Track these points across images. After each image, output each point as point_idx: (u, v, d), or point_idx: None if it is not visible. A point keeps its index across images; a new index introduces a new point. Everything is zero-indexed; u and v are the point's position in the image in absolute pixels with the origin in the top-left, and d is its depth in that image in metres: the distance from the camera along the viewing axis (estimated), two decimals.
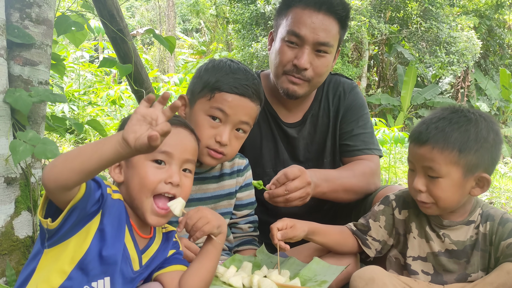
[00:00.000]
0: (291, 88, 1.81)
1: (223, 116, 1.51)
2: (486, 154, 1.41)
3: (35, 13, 1.74)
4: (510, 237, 1.45)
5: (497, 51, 15.92)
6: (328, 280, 1.39)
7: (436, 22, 12.39)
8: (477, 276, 1.50)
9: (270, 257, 1.64)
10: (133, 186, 1.21)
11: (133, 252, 1.22)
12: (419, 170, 1.46)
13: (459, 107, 1.49)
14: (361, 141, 1.97)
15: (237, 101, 1.52)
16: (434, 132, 1.41)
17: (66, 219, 1.07)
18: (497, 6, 14.48)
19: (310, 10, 1.74)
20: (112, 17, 2.56)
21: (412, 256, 1.56)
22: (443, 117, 1.44)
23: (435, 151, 1.40)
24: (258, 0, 12.50)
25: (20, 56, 1.71)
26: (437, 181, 1.42)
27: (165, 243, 1.35)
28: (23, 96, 1.59)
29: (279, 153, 1.98)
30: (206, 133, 1.51)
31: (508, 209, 4.13)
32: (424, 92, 14.53)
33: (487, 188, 1.46)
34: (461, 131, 1.40)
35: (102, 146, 0.96)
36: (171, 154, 1.24)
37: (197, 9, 19.17)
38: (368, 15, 11.87)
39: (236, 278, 1.35)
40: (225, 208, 1.71)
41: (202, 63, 1.71)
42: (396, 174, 5.89)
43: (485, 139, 1.40)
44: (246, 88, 1.53)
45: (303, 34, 1.73)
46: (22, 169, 1.70)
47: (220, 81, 1.52)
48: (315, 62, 1.77)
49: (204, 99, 1.53)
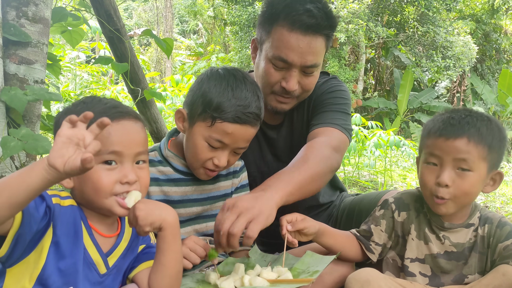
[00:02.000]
0: (279, 107, 1.79)
1: (221, 145, 1.49)
2: (503, 153, 1.48)
3: (31, 12, 1.73)
4: (507, 240, 1.46)
5: (493, 56, 16.01)
6: (319, 269, 1.38)
7: (433, 27, 12.46)
8: (473, 278, 1.50)
9: (263, 256, 1.64)
10: (88, 191, 1.14)
11: (97, 256, 1.18)
12: (448, 163, 1.44)
13: (472, 108, 1.54)
14: (324, 118, 1.82)
15: (238, 131, 1.47)
16: (467, 126, 1.43)
17: (14, 246, 1.03)
18: (493, 11, 14.57)
19: (297, 33, 1.65)
20: (109, 17, 2.56)
21: (410, 258, 1.56)
22: (467, 114, 1.47)
23: (472, 144, 1.42)
24: (256, 2, 12.52)
25: (16, 55, 1.70)
26: (467, 175, 1.43)
27: (136, 238, 1.30)
28: (18, 95, 1.59)
29: (263, 154, 1.96)
30: (204, 156, 1.49)
31: (503, 213, 4.14)
32: (421, 96, 14.59)
33: (498, 185, 1.50)
34: (488, 128, 1.44)
35: (27, 176, 0.90)
36: (121, 153, 1.14)
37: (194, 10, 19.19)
38: (366, 19, 11.92)
39: (227, 281, 1.34)
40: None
41: (202, 72, 1.62)
42: (392, 178, 5.90)
43: (504, 138, 1.48)
44: (248, 116, 1.47)
45: (291, 60, 1.67)
46: (17, 168, 1.69)
47: (221, 109, 1.44)
48: (303, 81, 1.74)
49: (203, 124, 1.48)
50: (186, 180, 1.61)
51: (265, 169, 1.96)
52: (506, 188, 5.82)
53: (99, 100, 1.20)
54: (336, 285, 1.60)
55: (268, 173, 1.93)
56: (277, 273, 1.40)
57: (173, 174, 1.59)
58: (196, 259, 1.44)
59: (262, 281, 1.32)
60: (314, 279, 1.32)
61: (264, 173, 1.96)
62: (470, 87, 15.38)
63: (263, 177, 1.94)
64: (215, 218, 1.65)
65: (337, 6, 11.75)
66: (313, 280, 1.31)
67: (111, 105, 1.19)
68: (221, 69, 1.55)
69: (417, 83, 15.76)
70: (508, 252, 1.44)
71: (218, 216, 1.37)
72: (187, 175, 1.61)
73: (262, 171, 1.96)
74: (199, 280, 1.44)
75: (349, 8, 11.91)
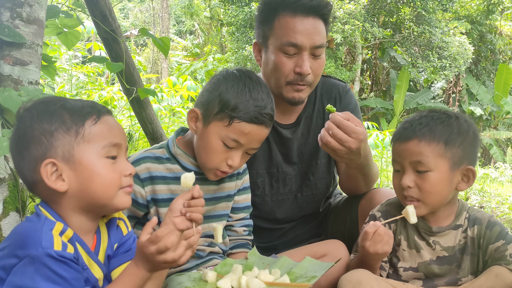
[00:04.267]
0: (297, 96, 1.81)
1: (236, 145, 1.50)
2: (469, 147, 1.46)
3: (26, 13, 1.73)
4: (497, 241, 1.47)
5: (489, 56, 16.09)
6: (317, 275, 1.38)
7: (429, 27, 12.50)
8: (467, 280, 1.50)
9: (261, 258, 1.64)
10: (95, 189, 1.10)
11: (100, 274, 1.15)
12: (406, 167, 1.47)
13: (437, 108, 1.52)
14: None
15: (254, 131, 1.50)
16: (419, 127, 1.45)
17: None
18: (488, 12, 14.64)
19: (300, 16, 1.73)
20: (104, 18, 2.55)
21: (403, 267, 1.56)
22: (424, 115, 1.49)
23: (423, 144, 1.43)
24: (253, 3, 12.52)
25: (10, 56, 1.70)
26: (426, 175, 1.44)
27: (111, 231, 1.25)
28: (13, 96, 1.58)
29: (272, 154, 1.97)
30: (219, 157, 1.51)
31: (498, 213, 4.16)
32: (417, 97, 14.65)
33: (472, 182, 1.48)
34: (444, 125, 1.45)
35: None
36: (120, 145, 1.15)
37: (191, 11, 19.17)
38: (362, 19, 11.94)
39: (224, 280, 1.34)
40: (222, 210, 1.70)
41: (217, 72, 1.64)
42: (388, 178, 5.92)
43: (467, 132, 1.46)
44: (264, 117, 1.50)
45: (300, 42, 1.72)
46: (11, 169, 1.69)
47: (239, 109, 1.47)
48: (313, 65, 1.77)
49: (220, 123, 1.49)
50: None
51: (274, 171, 1.97)
52: (501, 188, 5.85)
53: (63, 99, 1.14)
54: (331, 286, 1.60)
55: (277, 175, 1.96)
56: (275, 276, 1.40)
57: (181, 172, 1.57)
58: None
59: (259, 283, 1.32)
60: (311, 284, 1.32)
61: (273, 175, 1.97)
62: (466, 88, 15.44)
63: (271, 178, 1.96)
64: (217, 219, 1.66)
65: (333, 6, 11.77)
66: (310, 286, 1.31)
67: (90, 103, 1.15)
68: (237, 71, 1.58)
69: (413, 83, 15.82)
70: (500, 254, 1.44)
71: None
72: (195, 174, 1.60)
73: (271, 173, 1.97)
74: (195, 279, 1.44)
75: (345, 8, 11.94)
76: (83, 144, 1.08)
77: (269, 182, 1.98)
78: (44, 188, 1.08)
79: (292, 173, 1.98)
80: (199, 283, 1.41)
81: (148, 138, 3.30)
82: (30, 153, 1.07)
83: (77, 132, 1.08)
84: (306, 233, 2.07)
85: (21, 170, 1.11)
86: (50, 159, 1.06)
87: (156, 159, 1.57)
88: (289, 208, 2.01)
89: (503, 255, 1.44)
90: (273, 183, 1.98)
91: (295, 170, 1.98)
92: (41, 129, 1.06)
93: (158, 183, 1.55)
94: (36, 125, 1.07)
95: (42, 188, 1.09)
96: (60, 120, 1.08)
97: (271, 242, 2.02)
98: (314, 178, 2.01)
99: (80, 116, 1.09)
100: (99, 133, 1.09)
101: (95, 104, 1.16)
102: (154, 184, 1.55)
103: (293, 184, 1.99)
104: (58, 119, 1.07)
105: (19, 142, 1.09)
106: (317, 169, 2.00)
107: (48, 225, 1.04)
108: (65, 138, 1.07)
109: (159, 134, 3.19)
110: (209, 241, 1.67)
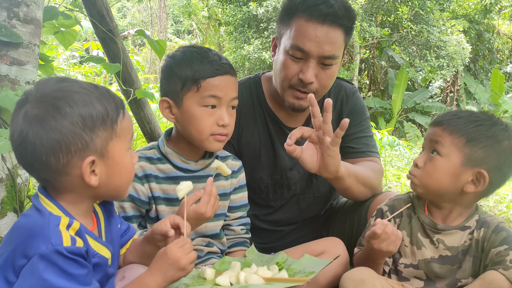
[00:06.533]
0: (296, 103, 1.79)
1: (216, 101, 1.51)
2: (494, 155, 1.43)
3: (23, 13, 1.73)
4: (501, 245, 1.44)
5: (487, 55, 16.11)
6: (315, 271, 1.39)
7: (427, 26, 12.51)
8: (467, 282, 1.49)
9: (260, 256, 1.64)
10: (120, 182, 1.14)
11: (107, 253, 1.16)
12: (426, 146, 1.52)
13: (490, 113, 1.55)
14: (364, 143, 1.97)
15: (223, 81, 1.52)
16: (450, 117, 1.49)
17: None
18: (486, 11, 14.66)
19: (314, 23, 1.67)
20: (101, 17, 2.55)
21: (404, 263, 1.55)
22: (466, 113, 1.52)
23: (446, 131, 1.47)
24: (250, 2, 12.52)
25: (8, 56, 1.70)
26: (435, 157, 1.47)
27: (105, 214, 1.25)
28: (10, 95, 1.58)
29: (277, 160, 1.96)
30: (207, 122, 1.51)
31: (496, 212, 4.17)
32: (415, 96, 14.65)
33: (482, 187, 1.45)
34: (477, 125, 1.46)
35: None
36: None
37: (189, 10, 19.15)
38: (360, 19, 11.94)
39: (223, 277, 1.35)
40: (219, 209, 1.69)
41: (162, 63, 1.66)
42: (386, 177, 5.92)
43: (498, 140, 1.44)
44: (223, 66, 1.53)
45: (308, 49, 1.68)
46: (8, 170, 1.68)
47: (199, 71, 1.51)
48: (320, 74, 1.73)
49: (191, 93, 1.51)
50: (186, 178, 1.60)
51: (278, 177, 1.96)
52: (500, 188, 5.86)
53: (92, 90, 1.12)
54: (330, 284, 1.60)
55: (281, 181, 1.95)
56: (273, 272, 1.40)
57: (172, 172, 1.58)
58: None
59: (258, 279, 1.32)
60: (310, 279, 1.32)
61: (277, 181, 1.96)
62: (464, 87, 15.46)
63: (275, 185, 1.95)
64: (214, 218, 1.66)
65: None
66: (308, 280, 1.31)
67: (112, 97, 1.14)
68: (178, 49, 1.62)
69: (411, 83, 15.83)
70: (500, 258, 1.42)
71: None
72: (187, 172, 1.61)
73: (275, 179, 1.96)
74: (194, 277, 1.44)
75: None
76: (116, 139, 1.09)
77: (272, 188, 1.98)
78: (70, 180, 1.05)
79: (296, 177, 1.97)
80: (197, 280, 1.41)
81: (146, 138, 3.29)
82: (67, 147, 1.02)
83: (112, 128, 1.08)
84: (305, 236, 2.06)
85: (49, 163, 1.03)
86: (92, 156, 1.04)
87: (147, 159, 1.58)
88: (290, 211, 2.01)
89: (503, 259, 1.41)
90: (277, 189, 1.98)
91: (300, 173, 1.97)
92: (82, 124, 1.03)
93: (152, 181, 1.56)
94: (76, 119, 1.02)
95: (67, 181, 1.05)
96: (99, 116, 1.05)
97: (269, 243, 2.02)
98: (317, 181, 2.00)
99: (114, 112, 1.09)
100: (126, 127, 1.11)
101: (116, 97, 1.14)
102: (149, 182, 1.56)
103: (297, 188, 1.99)
104: (98, 114, 1.05)
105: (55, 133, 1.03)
106: None
107: (54, 221, 1.02)
108: (103, 134, 1.06)
109: (157, 134, 3.19)
110: (207, 241, 1.67)
